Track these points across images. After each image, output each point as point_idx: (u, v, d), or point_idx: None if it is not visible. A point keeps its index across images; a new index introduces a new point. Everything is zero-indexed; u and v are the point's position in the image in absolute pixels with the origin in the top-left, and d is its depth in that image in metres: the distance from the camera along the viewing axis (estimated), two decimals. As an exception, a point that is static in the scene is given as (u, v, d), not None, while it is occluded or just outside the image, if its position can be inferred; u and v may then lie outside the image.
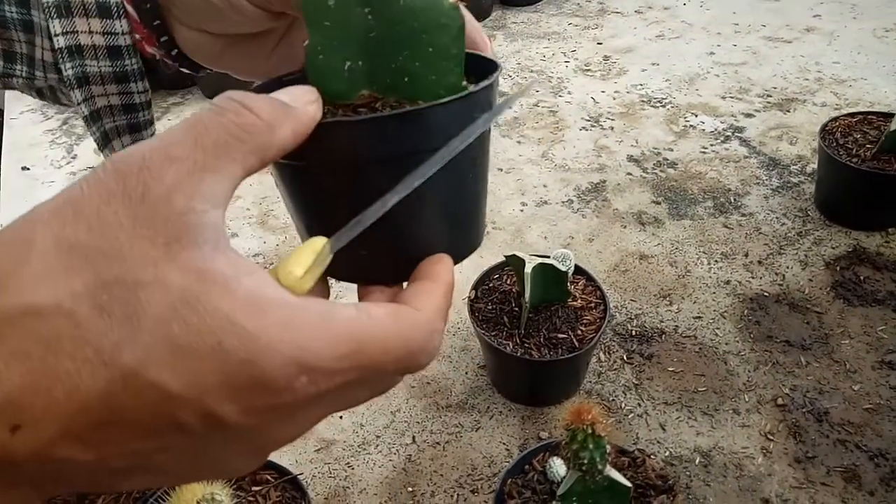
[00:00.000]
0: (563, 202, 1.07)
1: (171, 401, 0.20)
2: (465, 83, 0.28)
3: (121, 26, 0.34)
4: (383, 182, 0.26)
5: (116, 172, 0.21)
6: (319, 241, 0.24)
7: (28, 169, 1.28)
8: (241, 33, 0.36)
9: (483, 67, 0.30)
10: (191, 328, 0.20)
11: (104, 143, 0.38)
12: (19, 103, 1.51)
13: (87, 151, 1.31)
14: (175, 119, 1.41)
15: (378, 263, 0.29)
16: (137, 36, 0.36)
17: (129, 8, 0.35)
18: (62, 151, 1.33)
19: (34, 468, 0.20)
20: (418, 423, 0.75)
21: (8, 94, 1.59)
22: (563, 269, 0.69)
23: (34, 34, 0.35)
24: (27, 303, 0.19)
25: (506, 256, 0.73)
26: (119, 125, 0.38)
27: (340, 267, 0.27)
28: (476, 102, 0.28)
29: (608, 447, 0.48)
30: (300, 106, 0.25)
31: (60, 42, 0.34)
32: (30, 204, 0.21)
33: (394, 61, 0.29)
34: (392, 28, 0.28)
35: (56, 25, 0.34)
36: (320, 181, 0.26)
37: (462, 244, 0.30)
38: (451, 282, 0.28)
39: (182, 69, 0.39)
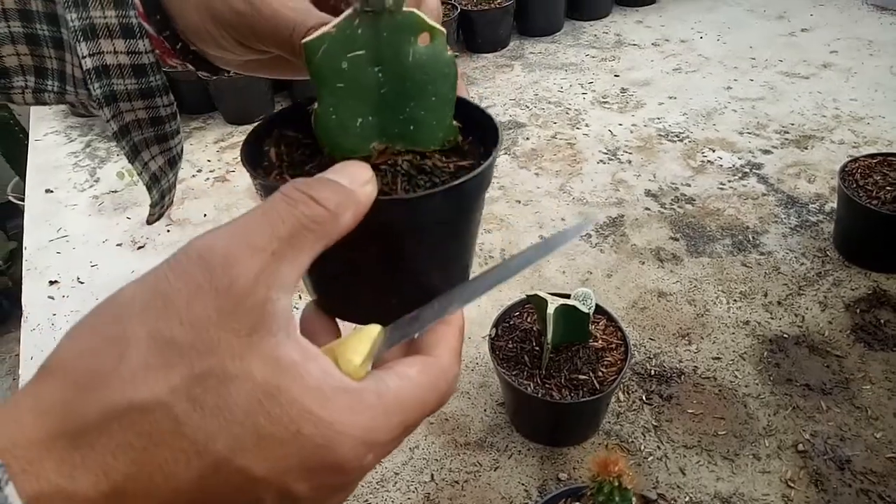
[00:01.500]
0: (581, 236, 1.07)
1: (256, 483, 0.22)
2: (455, 122, 0.32)
3: (143, 45, 0.36)
4: (413, 248, 0.29)
5: (202, 262, 0.23)
6: (375, 330, 0.26)
7: (52, 192, 1.30)
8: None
9: (460, 104, 0.33)
10: (273, 418, 0.22)
11: (134, 155, 0.40)
12: (44, 125, 1.54)
13: (110, 175, 1.33)
14: (197, 143, 1.43)
15: (381, 309, 0.30)
16: (157, 51, 0.37)
17: (147, 26, 0.36)
18: (85, 174, 1.34)
19: None
20: (437, 460, 0.75)
21: (32, 116, 1.61)
22: (586, 310, 0.69)
23: (64, 51, 0.37)
24: (130, 399, 0.21)
25: (528, 296, 0.73)
26: (147, 137, 0.40)
27: (337, 306, 0.30)
28: (493, 166, 0.31)
29: (633, 499, 0.48)
30: (358, 188, 0.26)
31: (88, 63, 0.35)
32: (53, 226, 0.23)
33: (402, 112, 0.31)
34: (402, 83, 0.30)
35: (83, 48, 0.35)
36: (351, 249, 0.27)
37: (457, 281, 0.34)
38: (462, 323, 0.30)
39: (201, 74, 0.40)
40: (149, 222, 0.44)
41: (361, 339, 0.25)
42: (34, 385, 0.22)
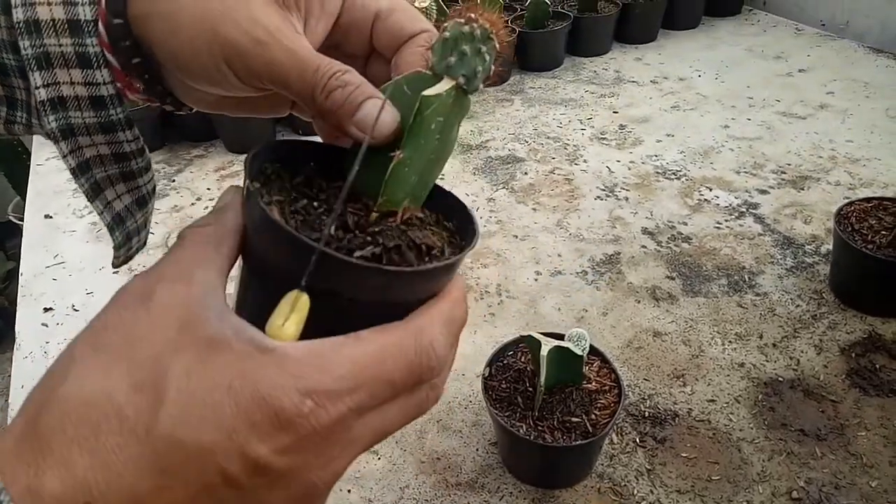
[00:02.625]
0: (577, 273, 1.07)
1: (208, 452, 0.23)
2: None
3: (102, 76, 0.33)
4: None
5: (126, 288, 0.26)
6: (293, 294, 0.26)
7: (51, 217, 1.30)
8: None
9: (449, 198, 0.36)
10: (204, 383, 0.24)
11: (95, 193, 0.37)
12: (46, 150, 1.55)
13: (110, 201, 1.34)
14: (198, 171, 1.44)
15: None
16: (119, 84, 0.35)
17: (111, 57, 0.34)
18: (84, 201, 1.35)
19: None
20: (427, 500, 0.74)
21: (35, 141, 1.63)
22: (579, 352, 0.69)
23: (30, 81, 0.34)
24: (78, 397, 0.24)
25: (522, 336, 0.73)
26: (111, 174, 0.37)
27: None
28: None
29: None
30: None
31: (42, 94, 0.33)
32: (51, 252, 0.27)
33: (428, 178, 0.33)
34: (441, 152, 0.32)
35: (37, 78, 0.33)
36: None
37: None
38: (457, 296, 0.30)
39: (166, 107, 0.39)
40: (114, 265, 0.41)
41: (282, 304, 0.26)
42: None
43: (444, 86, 0.30)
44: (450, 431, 0.82)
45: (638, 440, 0.80)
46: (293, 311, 0.26)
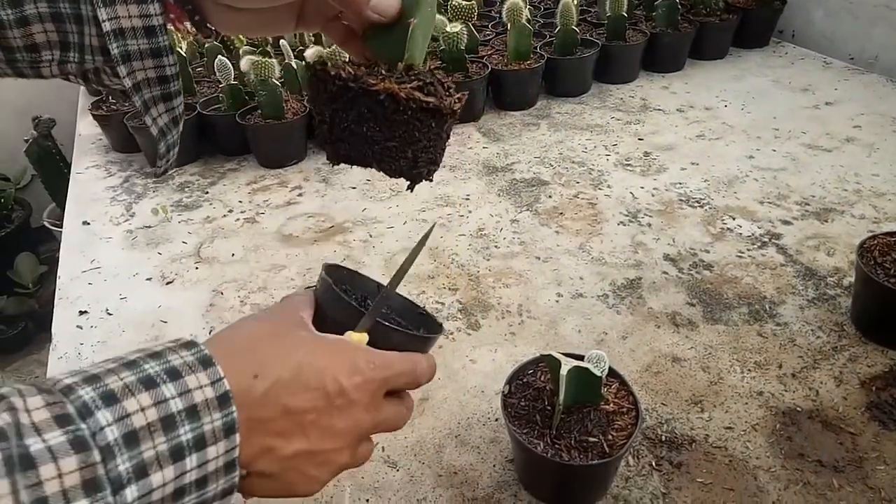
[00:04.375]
0: (598, 296, 1.09)
1: (321, 372, 0.43)
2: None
3: (154, 9, 0.44)
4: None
5: (256, 316, 0.47)
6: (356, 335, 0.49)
7: (88, 224, 1.35)
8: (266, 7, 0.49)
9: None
10: (322, 345, 0.45)
11: (146, 109, 0.49)
12: (86, 159, 1.60)
13: (145, 210, 1.38)
14: (230, 184, 1.48)
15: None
16: (171, 15, 0.47)
17: None
18: (121, 209, 1.40)
19: (261, 405, 0.40)
20: (444, 513, 0.76)
21: (76, 150, 1.68)
22: (598, 373, 0.70)
23: (83, 25, 0.45)
24: (239, 349, 0.43)
25: (542, 355, 0.74)
26: (154, 95, 0.48)
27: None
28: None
29: None
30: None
31: (107, 27, 0.43)
32: (87, 257, 0.31)
33: (426, 41, 0.51)
34: (432, 20, 0.52)
35: (103, 13, 0.43)
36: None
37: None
38: (430, 362, 0.51)
39: (200, 33, 0.51)
40: (157, 175, 0.55)
41: (350, 333, 0.48)
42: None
43: None
44: (468, 447, 0.83)
45: (654, 463, 0.80)
46: (360, 336, 0.48)
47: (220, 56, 1.55)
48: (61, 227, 3.00)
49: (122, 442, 0.31)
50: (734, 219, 1.27)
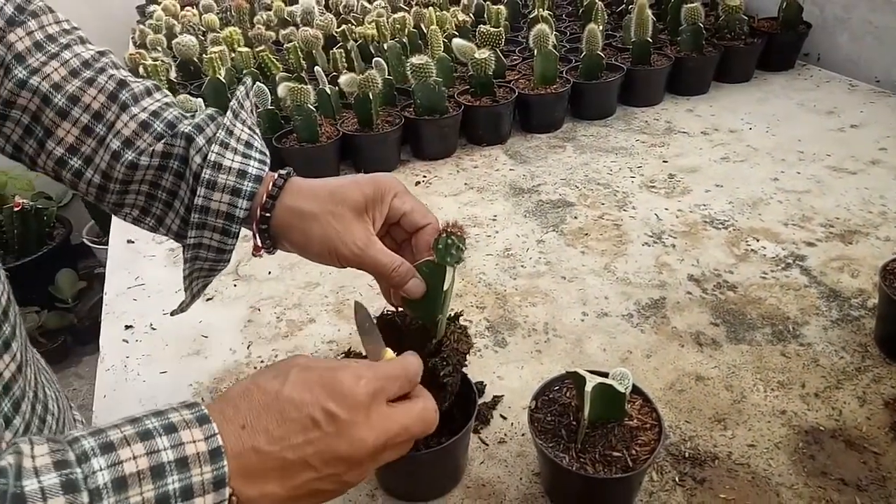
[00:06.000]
0: (622, 315, 1.11)
1: (304, 404, 0.44)
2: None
3: (230, 242, 0.66)
4: None
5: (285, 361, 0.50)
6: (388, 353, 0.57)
7: (133, 242, 1.41)
8: None
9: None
10: (305, 375, 0.47)
11: (188, 282, 0.67)
12: (129, 180, 1.68)
13: (185, 230, 1.44)
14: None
15: None
16: (254, 253, 0.68)
17: (254, 228, 0.66)
18: (163, 228, 1.46)
19: (255, 454, 0.42)
20: (472, 524, 0.79)
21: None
22: (622, 390, 0.73)
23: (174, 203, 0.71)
24: (240, 391, 0.46)
25: (567, 372, 0.78)
26: (203, 267, 0.66)
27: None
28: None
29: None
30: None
31: (191, 240, 0.66)
32: (132, 275, 0.40)
33: (447, 307, 0.71)
34: (450, 294, 0.70)
35: (192, 233, 0.65)
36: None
37: None
38: (431, 405, 0.53)
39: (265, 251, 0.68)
40: (172, 314, 0.71)
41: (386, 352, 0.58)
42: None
43: (449, 273, 0.64)
44: (495, 460, 0.86)
45: (677, 479, 0.82)
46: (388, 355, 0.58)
47: (258, 83, 1.62)
48: (100, 244, 3.11)
49: (112, 486, 0.35)
50: (758, 240, 1.28)
